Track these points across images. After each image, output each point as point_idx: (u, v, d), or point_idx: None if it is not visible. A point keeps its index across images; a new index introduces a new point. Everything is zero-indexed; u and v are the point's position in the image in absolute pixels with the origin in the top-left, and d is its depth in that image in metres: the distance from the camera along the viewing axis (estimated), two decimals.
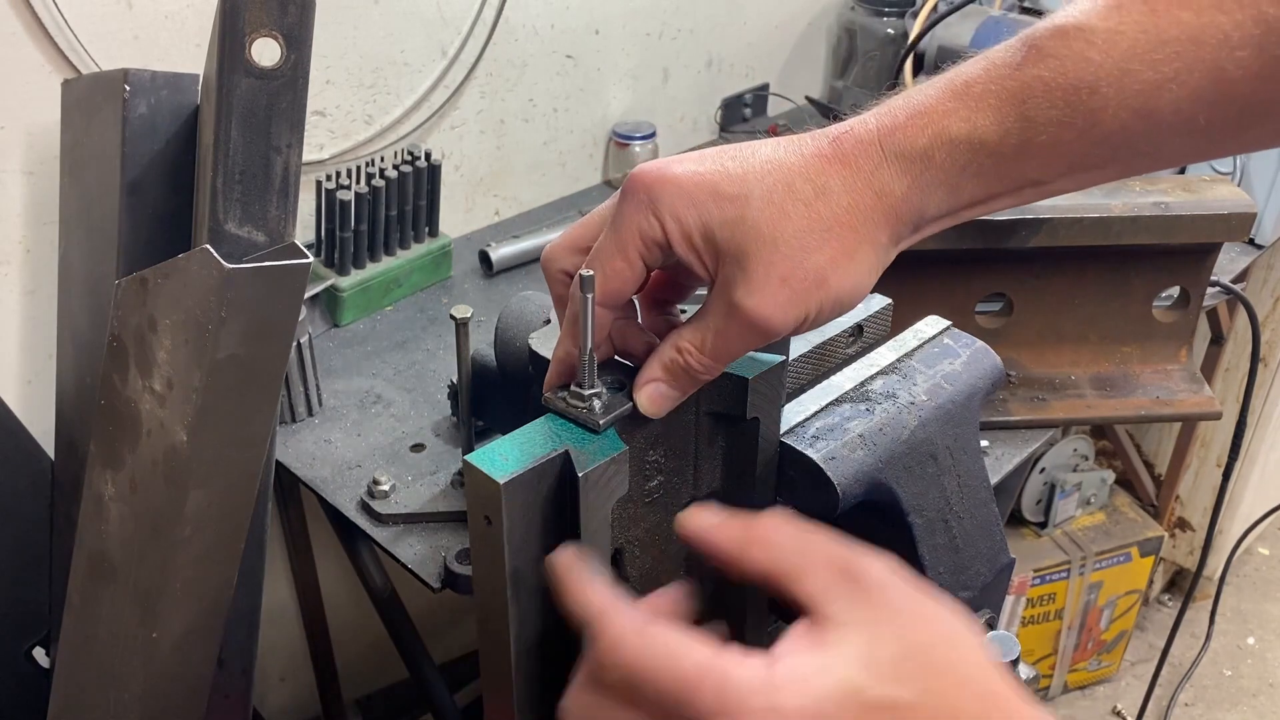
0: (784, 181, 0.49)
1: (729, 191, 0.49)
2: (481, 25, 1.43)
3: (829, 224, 0.49)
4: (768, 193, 0.49)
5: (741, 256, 0.49)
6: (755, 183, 0.49)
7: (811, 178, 0.49)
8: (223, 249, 0.72)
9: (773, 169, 0.50)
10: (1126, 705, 2.10)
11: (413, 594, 1.10)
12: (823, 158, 0.50)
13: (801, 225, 0.49)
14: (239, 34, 0.79)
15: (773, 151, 0.51)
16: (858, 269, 0.50)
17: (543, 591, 0.55)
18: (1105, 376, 1.20)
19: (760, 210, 0.49)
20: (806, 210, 0.49)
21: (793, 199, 0.49)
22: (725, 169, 0.50)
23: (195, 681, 0.85)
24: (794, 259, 0.49)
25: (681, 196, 0.49)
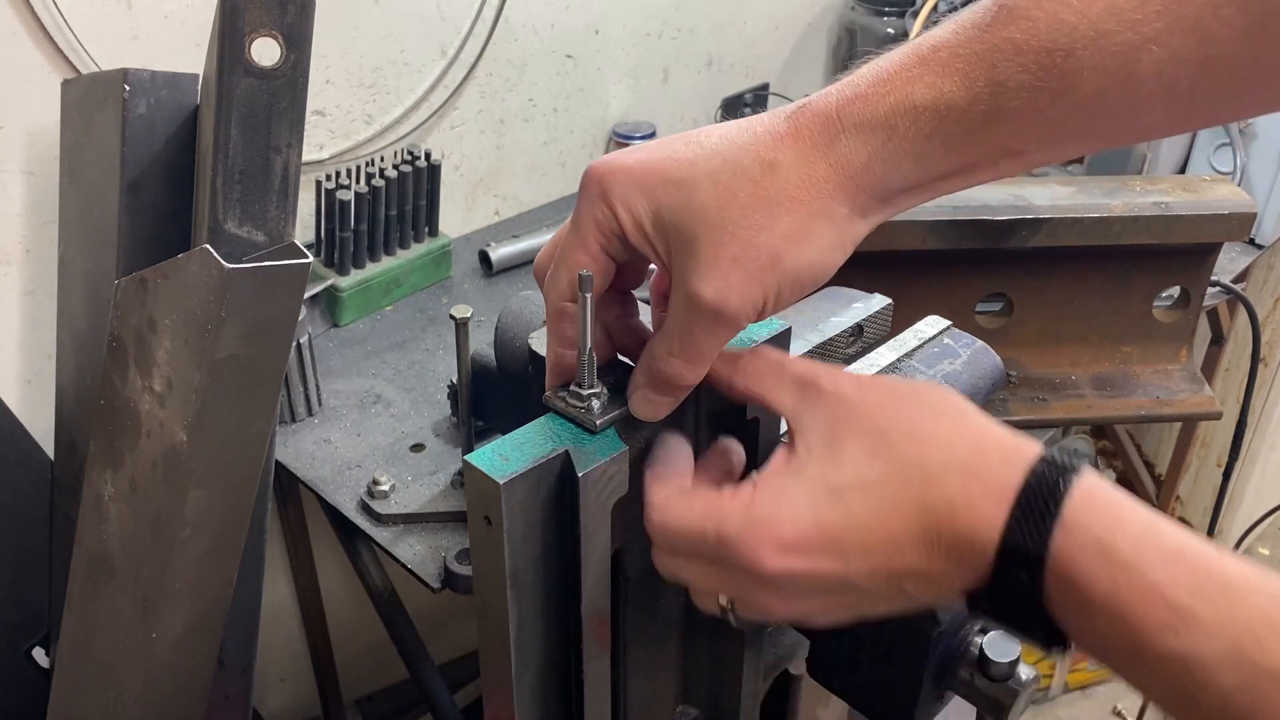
0: (732, 161, 0.48)
1: (677, 176, 0.48)
2: (481, 25, 1.42)
3: (778, 199, 0.47)
4: (714, 174, 0.47)
5: (691, 241, 0.48)
6: (703, 165, 0.48)
7: (761, 154, 0.48)
8: (223, 249, 0.72)
9: (722, 149, 0.48)
10: (1126, 705, 2.10)
11: (413, 594, 1.10)
12: (775, 135, 0.48)
13: (749, 202, 0.47)
14: (239, 34, 0.79)
15: (725, 132, 0.49)
16: (815, 244, 0.48)
17: (543, 591, 0.55)
18: (1105, 376, 1.20)
19: (707, 192, 0.47)
20: (754, 188, 0.47)
21: (740, 177, 0.47)
22: (675, 154, 0.49)
23: (195, 681, 0.85)
24: (743, 238, 0.47)
25: (631, 185, 0.49)
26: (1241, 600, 0.38)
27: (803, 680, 0.82)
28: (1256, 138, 1.44)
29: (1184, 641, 0.38)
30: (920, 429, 0.47)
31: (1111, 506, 0.43)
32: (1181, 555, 0.40)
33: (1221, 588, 0.39)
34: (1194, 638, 0.38)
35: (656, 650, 0.67)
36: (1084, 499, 0.42)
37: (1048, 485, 0.43)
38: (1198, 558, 0.40)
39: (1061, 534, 0.42)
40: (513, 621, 0.53)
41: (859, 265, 1.07)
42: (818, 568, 0.47)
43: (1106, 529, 0.42)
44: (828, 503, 0.46)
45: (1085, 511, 0.42)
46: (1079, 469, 0.44)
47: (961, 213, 1.09)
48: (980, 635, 0.60)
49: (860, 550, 0.46)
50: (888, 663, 0.60)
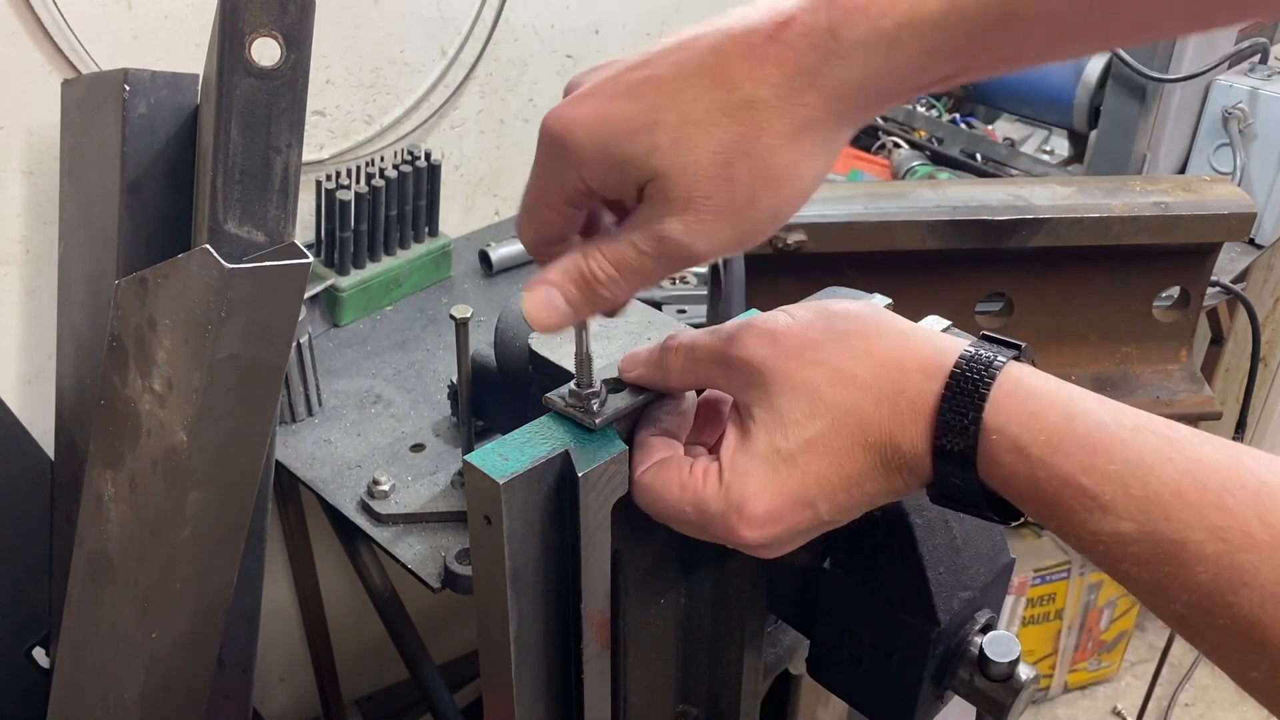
0: (703, 97, 0.43)
1: (640, 123, 0.44)
2: (481, 25, 1.42)
3: (756, 138, 0.44)
4: (683, 116, 0.44)
5: (663, 186, 0.45)
6: (668, 104, 0.44)
7: (737, 84, 0.43)
8: (223, 249, 0.72)
9: (690, 81, 0.44)
10: (1126, 705, 2.10)
11: (413, 594, 1.10)
12: (755, 58, 0.43)
13: (726, 143, 0.43)
14: (239, 34, 0.79)
15: (691, 55, 0.44)
16: (798, 179, 0.46)
17: (543, 591, 0.55)
18: (1105, 376, 1.20)
19: (675, 136, 0.44)
20: (730, 126, 0.43)
21: (713, 115, 0.43)
22: (637, 95, 0.44)
23: (195, 681, 0.85)
24: (719, 182, 0.44)
25: (590, 141, 0.45)
26: (1151, 477, 0.41)
27: (803, 680, 0.82)
28: (1256, 138, 1.44)
29: (1101, 523, 0.42)
30: (844, 371, 0.49)
31: (1028, 401, 0.45)
32: (1094, 442, 0.42)
33: (1133, 468, 0.41)
34: (1109, 519, 0.41)
35: (656, 650, 0.67)
36: (1002, 398, 0.45)
37: (966, 391, 0.46)
38: (1110, 442, 0.42)
39: (984, 438, 0.45)
40: (513, 621, 0.53)
41: (859, 265, 1.07)
42: (794, 524, 0.50)
43: (1024, 427, 0.44)
44: (786, 470, 0.49)
45: (1004, 411, 0.45)
46: (997, 366, 0.46)
47: (961, 213, 1.09)
48: (980, 635, 0.60)
49: (826, 497, 0.49)
50: (888, 663, 0.60)
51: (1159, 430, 0.43)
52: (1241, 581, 0.38)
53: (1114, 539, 0.41)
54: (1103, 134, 1.48)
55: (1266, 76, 1.44)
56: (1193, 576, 0.39)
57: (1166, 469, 0.41)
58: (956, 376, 0.46)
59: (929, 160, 1.61)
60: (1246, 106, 1.43)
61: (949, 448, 0.46)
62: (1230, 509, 0.39)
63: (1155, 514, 0.40)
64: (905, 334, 0.50)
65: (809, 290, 0.75)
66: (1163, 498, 0.40)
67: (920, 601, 0.58)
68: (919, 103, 1.72)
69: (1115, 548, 0.42)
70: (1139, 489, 0.41)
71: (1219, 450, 0.41)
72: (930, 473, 0.47)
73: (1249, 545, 0.38)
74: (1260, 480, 0.40)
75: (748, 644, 0.67)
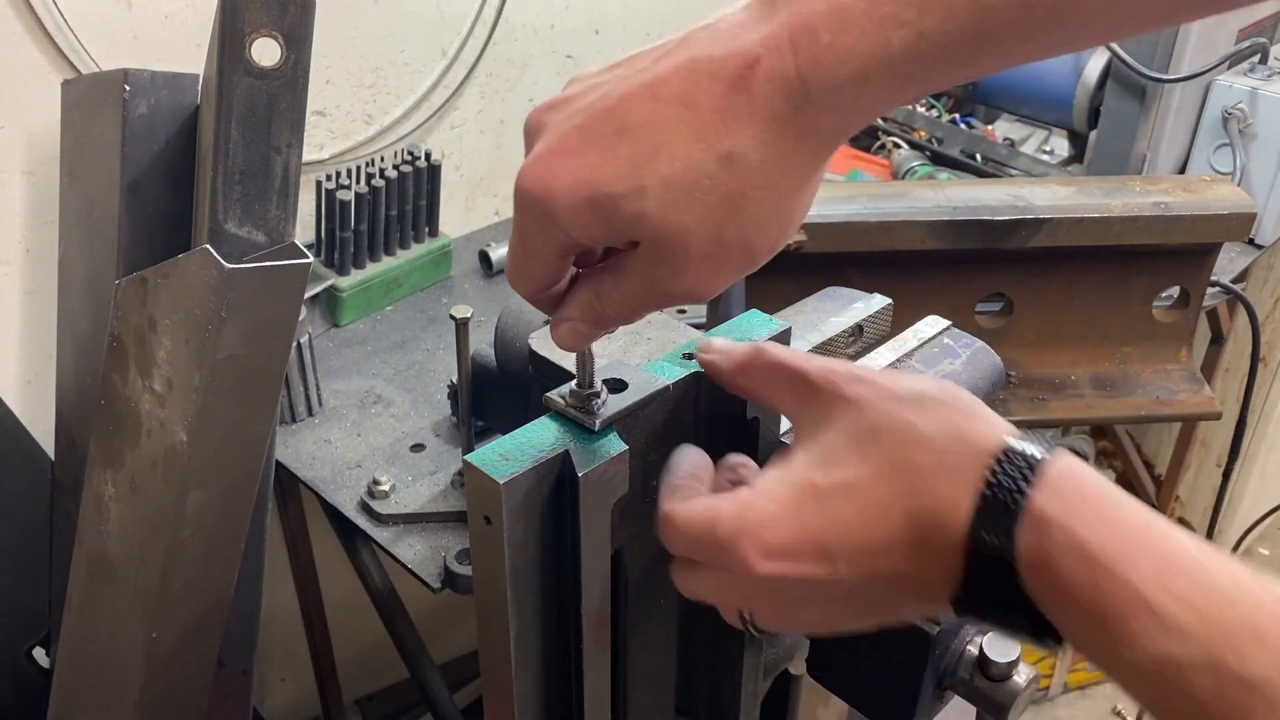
0: (680, 155, 0.42)
1: (622, 189, 0.43)
2: (481, 25, 1.42)
3: (741, 193, 0.43)
4: (665, 179, 0.43)
5: (655, 245, 0.44)
6: (648, 165, 0.43)
7: (713, 142, 0.42)
8: (223, 249, 0.72)
9: (666, 138, 0.43)
10: (1126, 705, 2.10)
11: (413, 594, 1.10)
12: (727, 110, 0.42)
13: (713, 201, 0.43)
14: (239, 34, 0.79)
15: (663, 108, 0.43)
16: (786, 219, 0.45)
17: (543, 591, 0.55)
18: (1105, 376, 1.20)
19: (661, 201, 0.43)
20: (714, 184, 0.43)
21: (695, 176, 0.43)
22: (613, 154, 0.43)
23: (195, 681, 0.85)
24: (711, 236, 0.44)
25: (572, 206, 0.44)
26: (1226, 606, 0.38)
27: (803, 680, 0.82)
28: (1256, 138, 1.44)
29: (1162, 646, 0.38)
30: (912, 427, 0.45)
31: (1091, 502, 0.41)
32: (1167, 558, 0.39)
33: (1205, 593, 0.38)
34: (1174, 642, 0.38)
35: (656, 650, 0.67)
36: (1053, 492, 0.41)
37: (1009, 477, 0.42)
38: (1183, 560, 0.39)
39: (1031, 530, 0.41)
40: (513, 621, 0.53)
41: (859, 265, 1.07)
42: (806, 572, 0.46)
43: (1090, 529, 0.40)
44: (813, 506, 0.46)
45: (1058, 506, 0.41)
46: (1043, 456, 0.42)
47: (961, 213, 1.09)
48: (980, 635, 0.60)
49: (848, 554, 0.45)
50: (888, 663, 0.60)
51: (1229, 558, 0.39)
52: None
53: (1170, 664, 0.38)
54: (1103, 134, 1.48)
55: (1266, 76, 1.44)
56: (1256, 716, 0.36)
57: (1245, 598, 0.37)
58: (1007, 451, 0.43)
59: (929, 160, 1.61)
60: (1246, 106, 1.43)
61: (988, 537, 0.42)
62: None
63: (1225, 646, 0.37)
64: (987, 418, 0.46)
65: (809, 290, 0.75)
66: (1234, 628, 0.37)
67: None
68: (919, 103, 1.72)
69: (1169, 676, 0.38)
70: (1214, 614, 0.37)
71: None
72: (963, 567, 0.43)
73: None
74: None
75: (748, 644, 0.67)
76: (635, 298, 0.48)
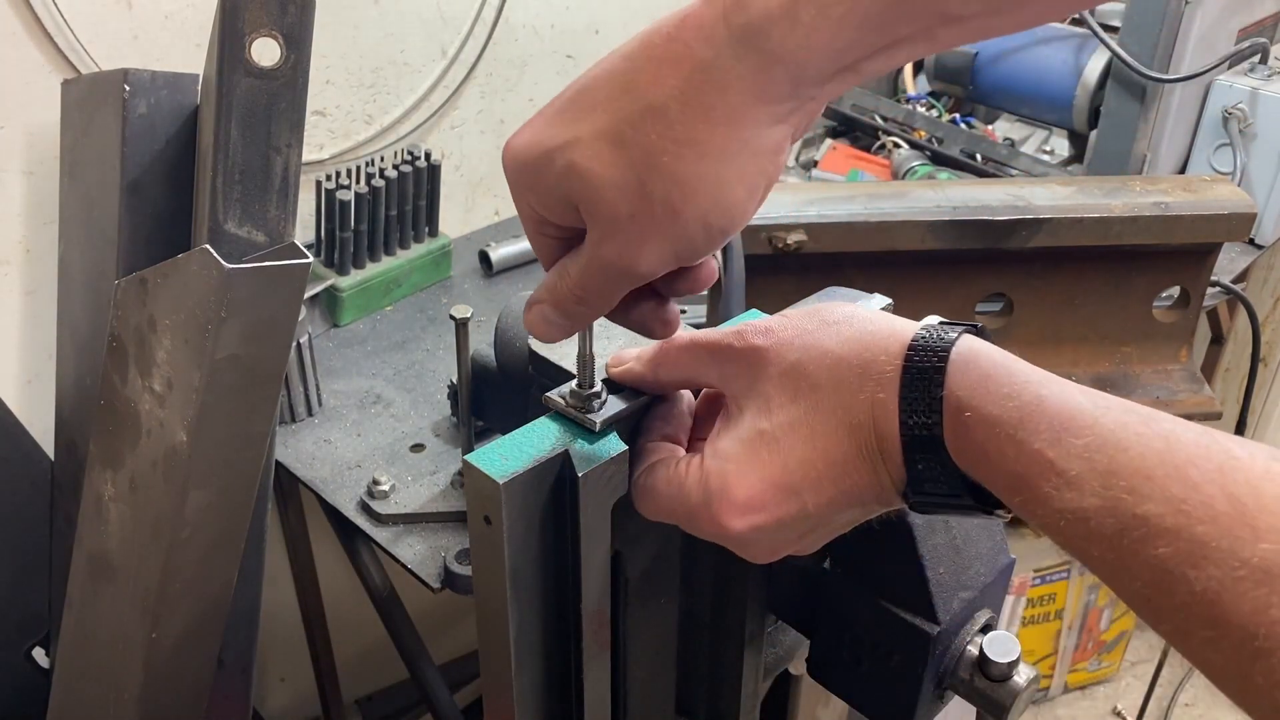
0: (609, 109, 0.43)
1: (555, 143, 0.44)
2: (481, 25, 1.43)
3: (663, 146, 0.42)
4: (597, 131, 0.43)
5: (588, 209, 0.45)
6: (585, 123, 0.43)
7: (640, 91, 0.42)
8: (223, 249, 0.72)
9: (602, 94, 0.43)
10: (1126, 705, 2.10)
11: (413, 594, 1.10)
12: (655, 59, 0.42)
13: (636, 155, 0.43)
14: (239, 34, 0.79)
15: (610, 64, 0.44)
16: (716, 187, 0.43)
17: (543, 591, 0.55)
18: (1105, 376, 1.20)
19: (589, 151, 0.43)
20: (636, 136, 0.42)
21: (619, 127, 0.43)
22: (561, 113, 0.45)
23: (195, 681, 0.85)
24: (635, 199, 0.43)
25: (523, 172, 0.46)
26: (1119, 453, 0.40)
27: (803, 680, 0.82)
28: (1256, 138, 1.44)
29: (1069, 501, 0.41)
30: (828, 353, 0.48)
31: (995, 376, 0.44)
32: (1064, 419, 0.42)
33: (1100, 445, 0.41)
34: (1078, 495, 0.41)
35: (656, 650, 0.67)
36: (965, 370, 0.45)
37: (924, 365, 0.45)
38: (1078, 418, 0.42)
39: (949, 415, 0.44)
40: (513, 621, 0.53)
41: (859, 265, 1.07)
42: (779, 515, 0.49)
43: (995, 404, 0.43)
44: (767, 453, 0.49)
45: (970, 386, 0.44)
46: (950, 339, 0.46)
47: (961, 213, 1.09)
48: (980, 635, 0.60)
49: (810, 485, 0.48)
50: (888, 663, 0.60)
51: (1134, 408, 0.42)
52: (1201, 555, 0.37)
53: (1078, 515, 0.41)
54: (1103, 134, 1.48)
55: (1266, 76, 1.44)
56: (1153, 551, 0.38)
57: (1134, 443, 0.40)
58: (914, 348, 0.46)
59: (929, 160, 1.61)
60: (1246, 106, 1.43)
61: (914, 424, 0.45)
62: (1194, 481, 0.38)
63: (1118, 488, 0.40)
64: (890, 322, 0.49)
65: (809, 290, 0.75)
66: (1126, 471, 0.40)
67: (920, 601, 0.58)
68: (919, 103, 1.72)
69: (1079, 525, 0.41)
70: (1104, 463, 0.40)
71: (1190, 428, 0.41)
72: (902, 460, 0.46)
73: (1209, 518, 0.37)
74: (1229, 454, 0.39)
75: (748, 644, 0.67)
76: (586, 273, 0.48)
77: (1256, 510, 0.37)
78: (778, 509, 0.49)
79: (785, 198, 1.08)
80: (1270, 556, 0.36)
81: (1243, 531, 0.37)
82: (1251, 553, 0.36)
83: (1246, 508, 0.37)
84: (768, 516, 0.49)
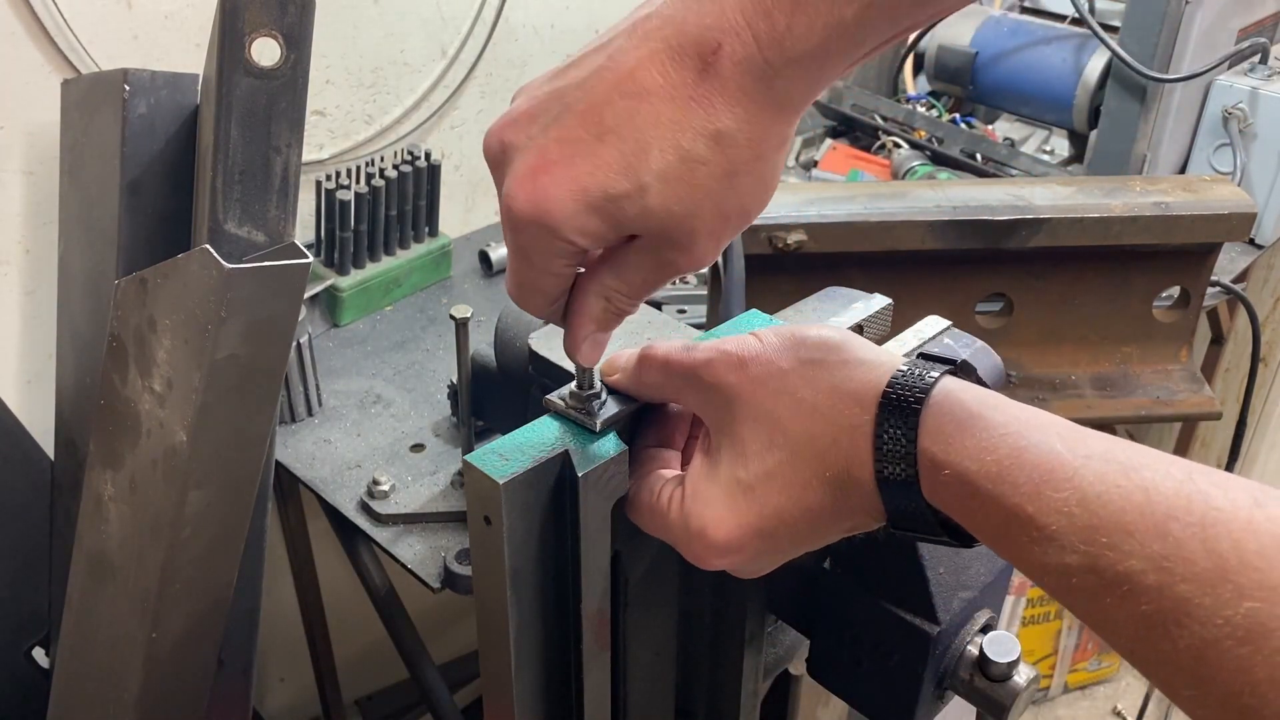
0: (673, 148, 0.43)
1: (622, 190, 0.44)
2: (481, 25, 1.43)
3: (736, 168, 0.44)
4: (662, 174, 0.43)
5: (664, 231, 0.46)
6: (643, 168, 0.43)
7: (700, 128, 0.43)
8: (223, 249, 0.72)
9: (654, 137, 0.43)
10: (1126, 705, 2.10)
11: (413, 594, 1.10)
12: (701, 99, 0.43)
13: (712, 184, 0.44)
14: (239, 34, 0.79)
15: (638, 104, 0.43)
16: (772, 175, 0.46)
17: (543, 591, 0.55)
18: (1105, 376, 1.20)
19: (664, 194, 0.44)
20: (710, 168, 0.44)
21: (691, 163, 0.43)
22: (602, 158, 0.44)
23: (195, 681, 0.85)
24: (715, 214, 0.45)
25: (576, 216, 0.44)
26: (1100, 507, 0.40)
27: (803, 680, 0.82)
28: (1256, 138, 1.44)
29: (1051, 556, 0.41)
30: (805, 402, 0.49)
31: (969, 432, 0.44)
32: (1044, 472, 0.42)
33: (1080, 499, 0.40)
34: (1054, 550, 0.41)
35: (656, 650, 0.67)
36: (935, 432, 0.45)
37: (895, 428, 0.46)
38: (1058, 471, 0.42)
39: (925, 472, 0.45)
40: (513, 621, 0.53)
41: (859, 265, 1.07)
42: (756, 554, 0.51)
43: (970, 457, 0.44)
44: (744, 502, 0.50)
45: (941, 445, 0.45)
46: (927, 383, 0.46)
47: (961, 213, 1.09)
48: (980, 635, 0.60)
49: (786, 531, 0.50)
50: (888, 663, 0.60)
51: (1115, 457, 0.41)
52: (1184, 612, 0.37)
53: (1060, 570, 0.41)
54: (1103, 134, 1.48)
55: (1266, 76, 1.44)
56: (1136, 608, 0.38)
57: (1114, 497, 0.40)
58: (888, 397, 0.47)
59: (929, 160, 1.61)
60: (1246, 106, 1.43)
61: (889, 475, 0.46)
62: (1175, 537, 0.38)
63: (1099, 544, 0.39)
64: (865, 363, 0.49)
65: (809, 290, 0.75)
66: (1107, 526, 0.39)
67: (920, 601, 0.58)
68: (919, 103, 1.72)
69: (1061, 579, 0.41)
70: (1084, 518, 0.40)
71: (1171, 476, 0.40)
72: (880, 504, 0.47)
73: (1191, 575, 0.37)
74: (1210, 504, 0.38)
75: (748, 644, 0.67)
76: (645, 284, 0.49)
77: (1239, 567, 0.36)
78: (755, 550, 0.51)
79: (785, 198, 1.08)
80: (1253, 616, 0.35)
81: (1225, 590, 0.36)
82: (1234, 611, 0.36)
83: (1229, 564, 0.37)
84: (745, 557, 0.51)
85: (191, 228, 0.93)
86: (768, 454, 0.49)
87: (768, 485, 0.49)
